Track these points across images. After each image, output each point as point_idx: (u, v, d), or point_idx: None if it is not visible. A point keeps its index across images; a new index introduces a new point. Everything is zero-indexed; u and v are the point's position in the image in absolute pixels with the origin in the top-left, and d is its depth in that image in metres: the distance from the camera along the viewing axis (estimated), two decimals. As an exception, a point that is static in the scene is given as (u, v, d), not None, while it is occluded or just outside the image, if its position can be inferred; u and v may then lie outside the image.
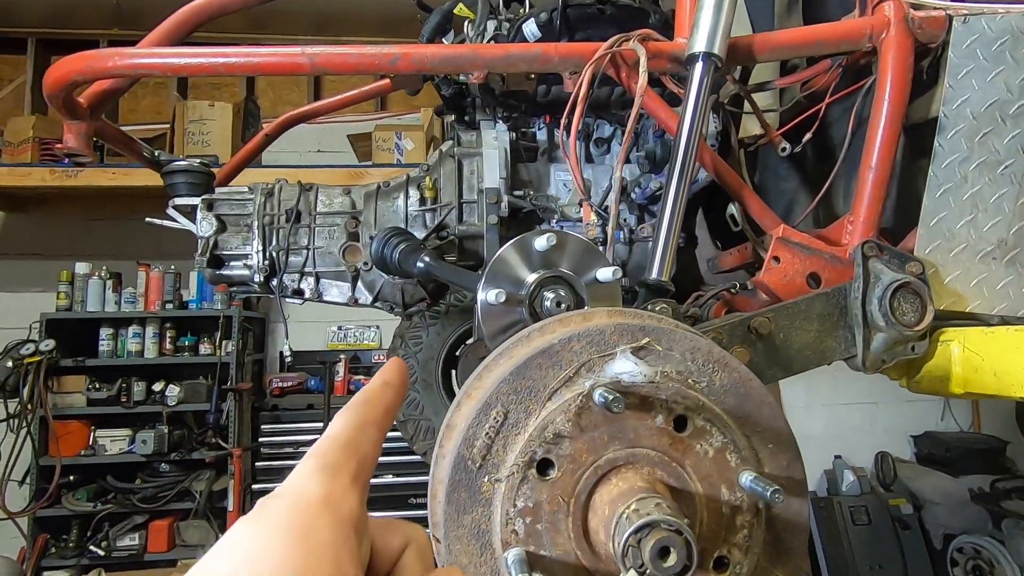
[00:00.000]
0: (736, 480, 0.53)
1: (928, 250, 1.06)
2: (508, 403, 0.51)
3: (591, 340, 0.52)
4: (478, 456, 0.51)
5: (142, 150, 1.62)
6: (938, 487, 4.53)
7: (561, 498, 0.51)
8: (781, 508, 0.54)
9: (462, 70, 1.12)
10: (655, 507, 0.46)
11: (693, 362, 0.53)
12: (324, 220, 1.65)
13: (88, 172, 3.85)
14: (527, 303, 0.65)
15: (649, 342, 0.53)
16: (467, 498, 0.51)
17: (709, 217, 1.67)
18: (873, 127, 1.06)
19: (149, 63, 1.09)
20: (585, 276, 0.68)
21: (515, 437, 0.51)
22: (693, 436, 0.53)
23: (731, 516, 0.53)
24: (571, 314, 0.58)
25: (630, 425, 0.52)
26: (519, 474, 0.50)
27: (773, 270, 1.07)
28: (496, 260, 0.67)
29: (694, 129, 1.01)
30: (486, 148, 1.55)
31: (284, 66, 1.10)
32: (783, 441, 0.54)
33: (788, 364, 1.03)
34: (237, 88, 5.06)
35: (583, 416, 0.51)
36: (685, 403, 0.52)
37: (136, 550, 3.76)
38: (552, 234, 0.66)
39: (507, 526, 0.50)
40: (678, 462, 0.52)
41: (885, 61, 1.03)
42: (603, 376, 0.52)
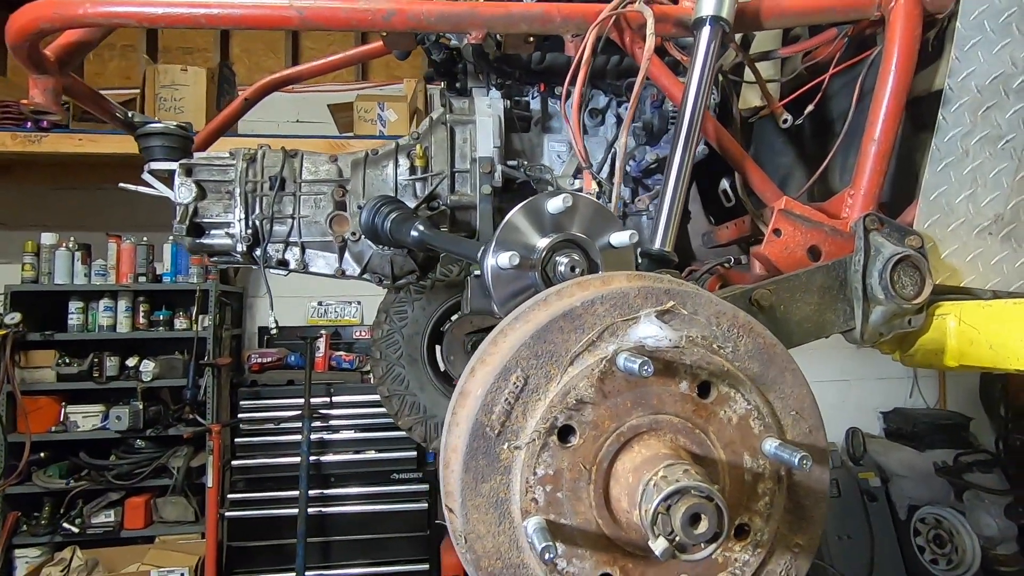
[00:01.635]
0: (759, 447, 0.51)
1: (927, 224, 1.06)
2: (528, 368, 0.49)
3: (615, 303, 0.50)
4: (496, 423, 0.49)
5: (114, 111, 1.53)
6: (904, 461, 4.71)
7: (583, 465, 0.49)
8: (802, 476, 0.53)
9: (460, 28, 1.07)
10: (683, 473, 0.44)
11: (718, 327, 0.51)
12: (310, 188, 1.59)
13: (53, 138, 3.67)
14: (539, 268, 0.62)
15: (674, 306, 0.50)
16: (485, 466, 0.49)
17: (702, 191, 1.66)
18: (877, 99, 1.05)
19: (123, 11, 1.02)
20: (599, 240, 0.66)
21: (535, 403, 0.49)
22: (717, 402, 0.51)
23: (753, 483, 0.52)
24: (590, 277, 0.56)
25: (654, 391, 0.50)
26: (540, 441, 0.48)
27: (774, 242, 1.06)
28: (506, 224, 0.64)
29: (700, 97, 0.99)
30: (480, 116, 1.50)
31: (271, 19, 1.04)
32: (806, 408, 0.53)
33: (788, 336, 1.02)
34: (211, 53, 4.86)
35: (606, 382, 0.49)
36: (709, 368, 0.51)
37: (112, 527, 3.70)
38: (568, 195, 0.64)
39: (527, 494, 0.48)
40: (701, 429, 0.51)
41: (893, 31, 1.01)
42: (627, 340, 0.50)
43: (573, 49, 1.08)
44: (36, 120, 3.72)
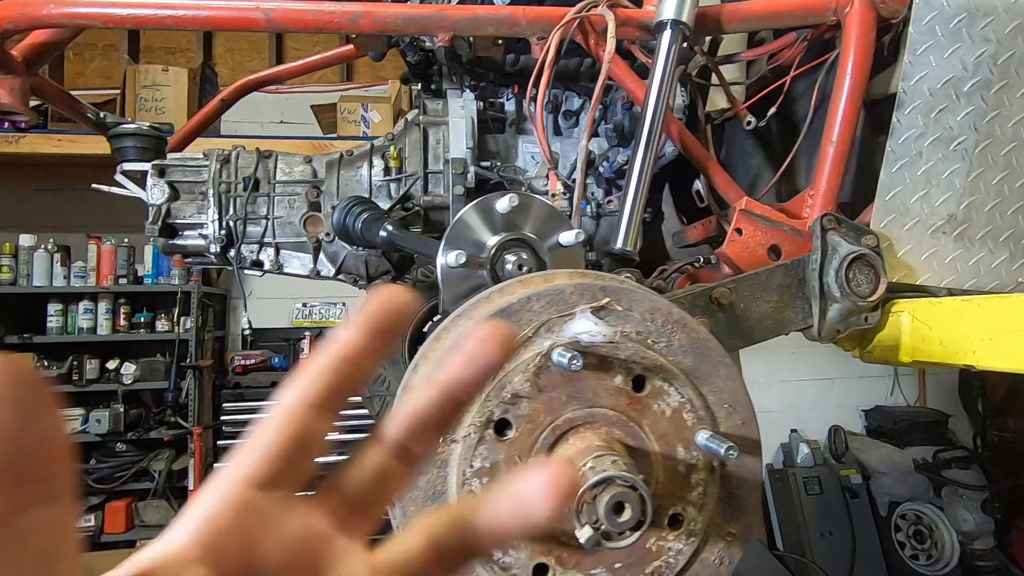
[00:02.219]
0: (692, 439, 0.53)
1: (883, 223, 1.08)
2: (465, 363, 0.50)
3: (551, 300, 0.51)
4: (434, 417, 0.50)
5: (86, 111, 1.52)
6: (885, 458, 4.77)
7: (519, 458, 0.50)
8: (735, 466, 0.55)
9: (427, 31, 1.09)
10: (611, 464, 0.46)
11: (652, 322, 0.53)
12: (284, 189, 1.59)
13: (32, 138, 3.63)
14: (488, 266, 0.64)
15: (609, 302, 0.52)
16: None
17: (675, 192, 1.68)
18: (835, 101, 1.07)
19: (89, 12, 1.02)
20: (548, 240, 0.67)
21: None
22: (651, 396, 0.53)
23: (686, 474, 0.53)
24: (532, 275, 0.57)
25: (589, 385, 0.52)
26: (476, 435, 0.50)
27: (736, 241, 1.08)
28: (456, 222, 0.66)
29: (661, 99, 1.01)
30: (452, 117, 1.51)
31: (237, 20, 1.04)
32: (739, 401, 0.55)
33: (748, 334, 1.05)
34: (193, 54, 4.83)
35: (541, 376, 0.50)
36: (644, 363, 0.52)
37: (92, 531, 3.66)
38: (514, 195, 0.65)
39: (463, 487, 0.49)
40: (636, 421, 0.52)
41: (848, 35, 1.04)
42: (562, 336, 0.51)
43: (539, 52, 1.10)
44: (13, 121, 3.68)
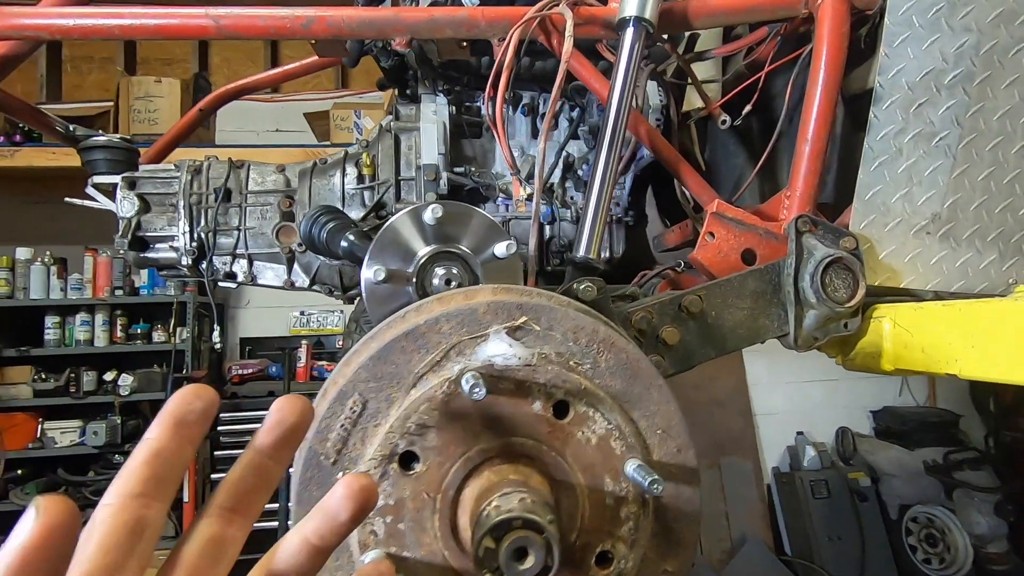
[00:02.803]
0: (621, 469, 0.49)
1: (863, 225, 1.03)
2: (367, 391, 0.46)
3: (462, 320, 0.47)
4: (332, 451, 0.46)
5: (54, 124, 1.50)
6: (894, 460, 4.67)
7: (427, 494, 0.46)
8: (671, 498, 0.50)
9: (383, 35, 1.05)
10: (519, 502, 0.42)
11: (576, 343, 0.49)
12: (256, 199, 1.56)
13: (27, 151, 3.65)
14: (414, 281, 0.59)
15: (526, 321, 0.48)
16: (320, 497, 0.46)
17: (658, 195, 1.64)
18: (809, 98, 1.02)
19: (32, 23, 0.99)
20: (484, 252, 0.63)
21: (375, 429, 0.46)
22: (574, 423, 0.48)
23: (615, 508, 0.49)
24: (453, 292, 0.53)
25: (505, 413, 0.47)
26: (379, 469, 0.46)
27: (707, 246, 1.04)
28: (383, 233, 0.62)
29: (624, 98, 0.97)
30: (424, 122, 1.47)
31: (186, 29, 1.01)
32: (673, 425, 0.50)
33: (721, 343, 1.00)
34: (189, 64, 4.84)
35: (451, 404, 0.46)
36: (566, 387, 0.48)
37: (91, 543, 3.65)
38: (438, 205, 0.61)
39: (365, 527, 0.45)
40: (558, 451, 0.48)
41: (821, 28, 0.99)
42: (475, 360, 0.47)
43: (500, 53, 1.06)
44: (8, 134, 3.70)
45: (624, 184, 1.61)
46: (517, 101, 1.64)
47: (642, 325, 0.96)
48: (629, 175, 1.58)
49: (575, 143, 1.61)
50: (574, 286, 0.89)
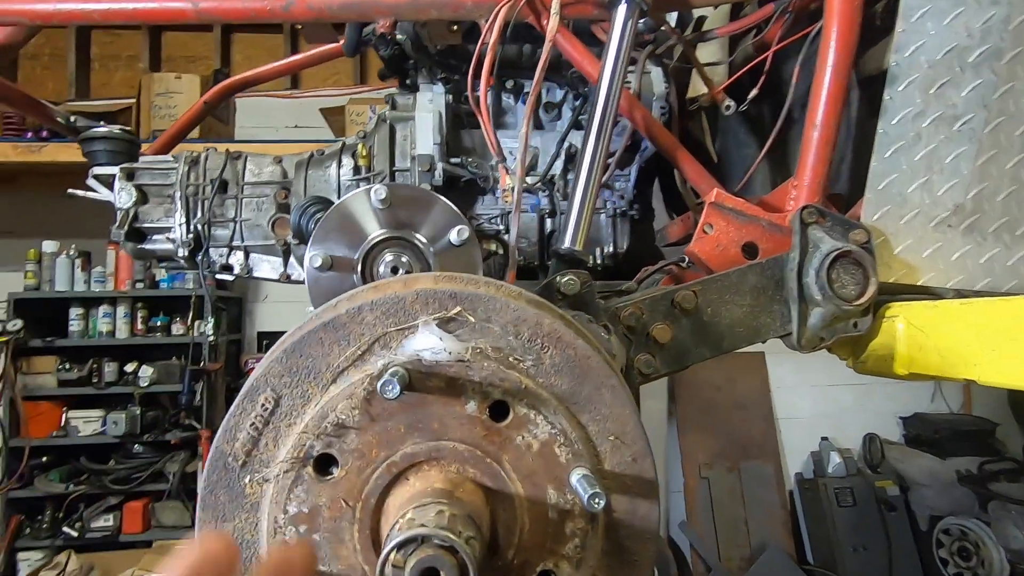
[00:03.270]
0: (566, 479, 0.43)
1: (876, 216, 0.95)
2: (280, 387, 0.42)
3: (387, 310, 0.42)
4: (241, 452, 0.42)
5: (55, 115, 1.51)
6: (925, 469, 4.48)
7: (345, 501, 0.41)
8: (624, 513, 0.45)
9: (365, 16, 1.01)
10: (435, 515, 0.37)
11: (516, 337, 0.43)
12: (252, 190, 1.54)
13: (53, 147, 3.74)
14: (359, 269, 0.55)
15: (460, 312, 0.43)
16: (228, 502, 0.42)
17: (664, 186, 1.57)
18: (818, 80, 0.95)
19: (16, 8, 0.98)
20: (440, 239, 0.59)
21: (288, 428, 0.42)
22: (513, 426, 0.43)
23: (560, 522, 0.43)
24: (390, 280, 0.48)
25: (434, 413, 0.43)
26: (291, 473, 0.41)
27: (705, 239, 0.97)
28: (330, 215, 0.57)
29: (615, 80, 0.91)
30: (419, 112, 1.43)
31: (164, 13, 0.99)
32: (628, 431, 0.45)
33: (717, 342, 0.93)
34: (211, 61, 4.91)
35: (374, 403, 0.42)
36: (503, 386, 0.43)
37: (110, 531, 3.74)
38: (382, 187, 0.56)
39: (275, 536, 0.41)
40: (494, 457, 0.43)
41: (831, 4, 0.91)
42: (401, 354, 0.42)
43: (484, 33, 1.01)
44: (36, 130, 3.80)
45: (629, 176, 1.54)
46: (519, 90, 1.59)
47: (631, 322, 0.90)
48: (634, 166, 1.52)
49: (578, 134, 1.55)
50: (556, 279, 0.84)
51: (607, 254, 1.56)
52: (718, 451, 4.56)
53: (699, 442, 4.59)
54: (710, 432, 4.57)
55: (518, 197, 0.86)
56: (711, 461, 4.54)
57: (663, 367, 0.92)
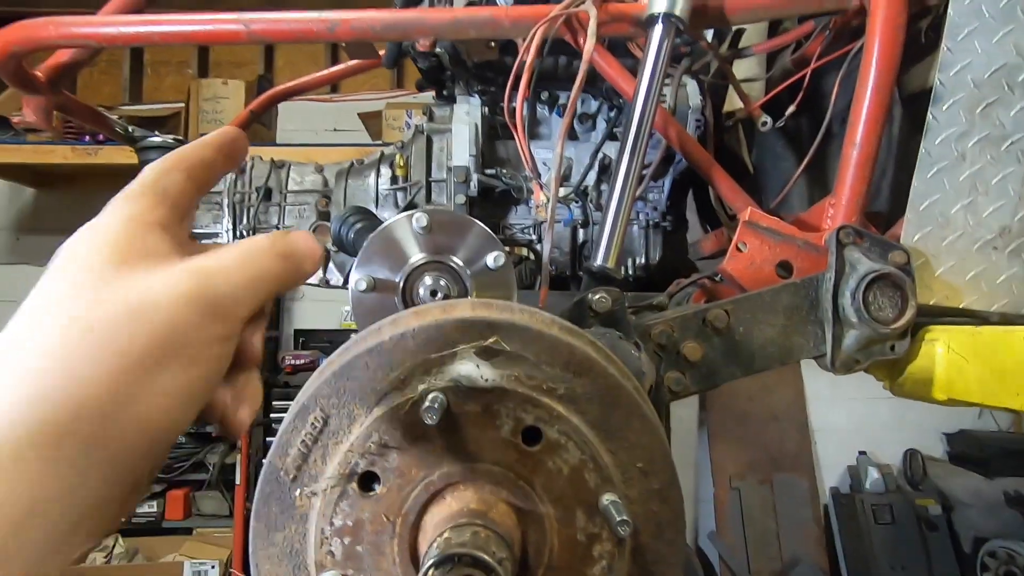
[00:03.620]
0: (594, 503, 0.45)
1: (917, 237, 0.93)
2: (329, 407, 0.45)
3: (428, 337, 0.45)
4: (292, 467, 0.45)
5: (114, 125, 1.60)
6: (971, 488, 4.30)
7: (386, 516, 0.44)
8: (651, 539, 0.46)
9: (407, 36, 1.05)
10: (471, 536, 0.39)
11: (550, 365, 0.46)
12: (295, 198, 1.61)
13: (108, 150, 3.93)
14: (400, 292, 0.58)
15: (496, 341, 0.45)
16: (279, 513, 0.45)
17: (698, 199, 1.56)
18: (859, 98, 0.94)
19: (86, 32, 1.06)
20: (477, 263, 0.61)
21: (335, 446, 0.45)
22: (545, 451, 0.45)
23: (588, 545, 0.45)
24: (431, 305, 0.51)
25: (471, 436, 0.45)
26: (337, 488, 0.44)
27: (738, 257, 0.97)
28: (374, 238, 0.60)
29: (650, 98, 0.92)
30: (456, 124, 1.47)
31: (220, 34, 1.05)
32: (656, 461, 0.46)
33: (749, 362, 0.93)
34: (256, 66, 5.08)
35: (414, 424, 0.44)
36: (536, 412, 0.45)
37: (154, 517, 3.90)
38: (423, 214, 0.59)
39: (322, 546, 0.44)
40: (526, 480, 0.45)
41: (873, 21, 0.90)
42: (440, 379, 0.45)
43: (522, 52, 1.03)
44: (93, 134, 4.00)
45: (663, 187, 1.54)
46: (554, 102, 1.61)
47: (662, 339, 0.91)
48: (668, 178, 1.52)
49: (613, 145, 1.55)
50: (588, 296, 0.85)
51: (639, 265, 1.57)
52: (750, 462, 4.48)
53: (730, 452, 4.51)
54: (742, 442, 4.49)
55: (552, 213, 0.88)
56: (742, 472, 4.46)
57: (693, 385, 0.92)
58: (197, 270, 0.35)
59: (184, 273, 0.35)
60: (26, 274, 4.54)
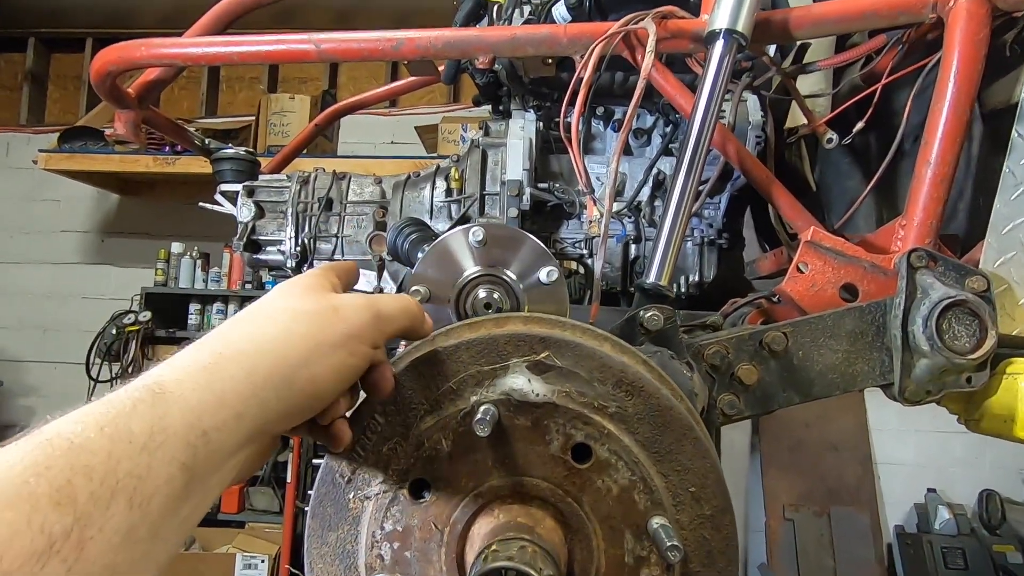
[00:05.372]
0: (644, 526, 0.45)
1: (998, 263, 0.87)
2: (383, 414, 0.46)
3: (481, 350, 0.46)
4: (347, 470, 0.47)
5: (193, 139, 1.71)
6: (1056, 536, 3.93)
7: (435, 525, 0.45)
8: (701, 566, 0.45)
9: (467, 54, 1.08)
10: (518, 551, 0.39)
11: (602, 383, 0.46)
12: (354, 209, 1.66)
13: (185, 160, 4.20)
14: (453, 303, 0.59)
15: (548, 356, 0.46)
16: (333, 514, 0.47)
17: (756, 216, 1.52)
18: (935, 115, 0.89)
19: (173, 52, 1.14)
20: (530, 277, 0.62)
21: (389, 452, 0.46)
22: (595, 469, 0.45)
23: (635, 568, 0.45)
24: (484, 318, 0.52)
25: (520, 450, 0.45)
26: (389, 493, 0.46)
27: (798, 278, 0.93)
28: (431, 251, 0.62)
29: (709, 115, 0.90)
30: (511, 138, 1.49)
31: (293, 53, 1.11)
32: (709, 486, 0.45)
33: (807, 387, 0.89)
34: (321, 82, 5.32)
35: (465, 435, 0.45)
36: (587, 430, 0.45)
37: (211, 509, 4.08)
38: (479, 228, 0.60)
39: (372, 549, 0.45)
40: (574, 497, 0.45)
41: (951, 35, 0.86)
42: (492, 392, 0.45)
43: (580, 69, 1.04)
44: (173, 145, 4.29)
45: (719, 204, 1.51)
46: (609, 116, 1.61)
47: (715, 360, 0.88)
48: (725, 195, 1.48)
49: (667, 160, 1.54)
50: (640, 314, 0.84)
51: (692, 283, 1.53)
52: (805, 492, 4.25)
53: (784, 481, 4.30)
54: (797, 471, 4.28)
55: (605, 228, 0.88)
56: (797, 502, 4.24)
57: (747, 409, 0.89)
58: (368, 296, 0.50)
59: (360, 297, 0.50)
60: (110, 274, 4.90)
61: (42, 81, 5.40)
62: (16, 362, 4.85)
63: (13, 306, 4.94)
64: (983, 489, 4.28)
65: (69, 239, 5.00)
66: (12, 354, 4.87)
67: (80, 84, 5.28)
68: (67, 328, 4.78)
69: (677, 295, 1.55)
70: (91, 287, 4.88)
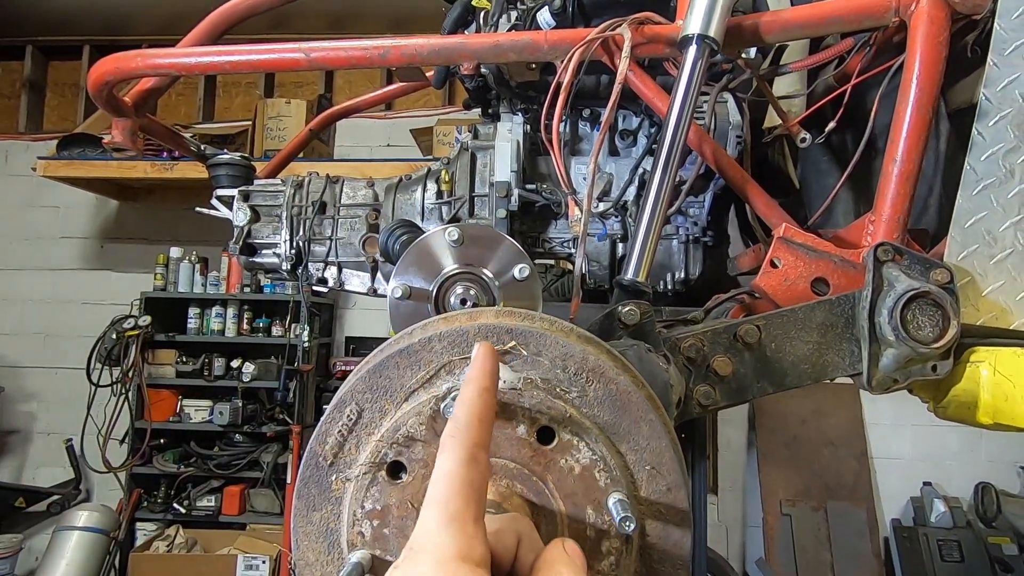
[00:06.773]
0: (604, 502, 0.48)
1: (961, 256, 0.91)
2: (363, 401, 0.50)
3: (453, 341, 0.50)
4: (329, 453, 0.50)
5: (189, 145, 1.75)
6: (1051, 528, 3.96)
7: (411, 503, 0.49)
8: (657, 538, 0.49)
9: (451, 61, 1.11)
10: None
11: (564, 370, 0.49)
12: (347, 212, 1.70)
13: (182, 165, 4.23)
14: (432, 300, 0.63)
15: (515, 346, 0.49)
16: (317, 495, 0.50)
17: (740, 214, 1.55)
18: (899, 115, 0.93)
19: (167, 63, 1.18)
20: (506, 274, 0.65)
21: (368, 437, 0.50)
22: (558, 450, 0.49)
23: (597, 540, 0.48)
24: (458, 312, 0.56)
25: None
26: (368, 475, 0.49)
27: (771, 273, 0.97)
28: (411, 250, 0.66)
29: (683, 117, 0.94)
30: (499, 141, 1.52)
31: (283, 62, 1.14)
32: (664, 463, 0.49)
33: (780, 378, 0.93)
34: (317, 86, 5.35)
35: (438, 420, 0.49)
36: (550, 413, 0.48)
37: (212, 511, 4.12)
38: (454, 228, 0.64)
39: (354, 527, 0.49)
40: (539, 476, 0.49)
41: (914, 37, 0.90)
42: (462, 379, 0.49)
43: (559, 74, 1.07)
44: (170, 151, 4.33)
45: (703, 202, 1.54)
46: (595, 118, 1.64)
47: (691, 353, 0.92)
48: (709, 193, 1.52)
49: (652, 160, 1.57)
50: (618, 309, 0.88)
51: (678, 280, 1.57)
52: (802, 488, 4.29)
53: (781, 476, 4.34)
54: (794, 466, 4.31)
55: (584, 227, 0.92)
56: (794, 498, 4.28)
57: (723, 399, 0.93)
58: None
59: None
60: (109, 279, 4.94)
61: (40, 89, 5.44)
62: (17, 368, 4.89)
63: (13, 312, 4.97)
64: (979, 482, 4.32)
65: (68, 245, 5.04)
66: (13, 360, 4.91)
67: (78, 91, 5.32)
68: (67, 333, 4.82)
69: (663, 292, 1.58)
70: (91, 292, 4.92)
